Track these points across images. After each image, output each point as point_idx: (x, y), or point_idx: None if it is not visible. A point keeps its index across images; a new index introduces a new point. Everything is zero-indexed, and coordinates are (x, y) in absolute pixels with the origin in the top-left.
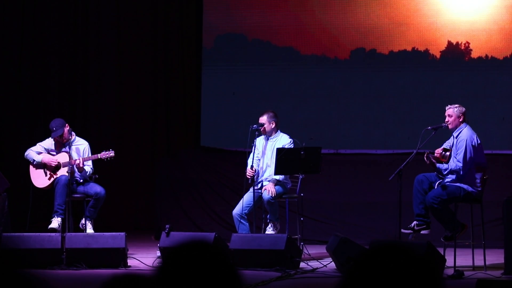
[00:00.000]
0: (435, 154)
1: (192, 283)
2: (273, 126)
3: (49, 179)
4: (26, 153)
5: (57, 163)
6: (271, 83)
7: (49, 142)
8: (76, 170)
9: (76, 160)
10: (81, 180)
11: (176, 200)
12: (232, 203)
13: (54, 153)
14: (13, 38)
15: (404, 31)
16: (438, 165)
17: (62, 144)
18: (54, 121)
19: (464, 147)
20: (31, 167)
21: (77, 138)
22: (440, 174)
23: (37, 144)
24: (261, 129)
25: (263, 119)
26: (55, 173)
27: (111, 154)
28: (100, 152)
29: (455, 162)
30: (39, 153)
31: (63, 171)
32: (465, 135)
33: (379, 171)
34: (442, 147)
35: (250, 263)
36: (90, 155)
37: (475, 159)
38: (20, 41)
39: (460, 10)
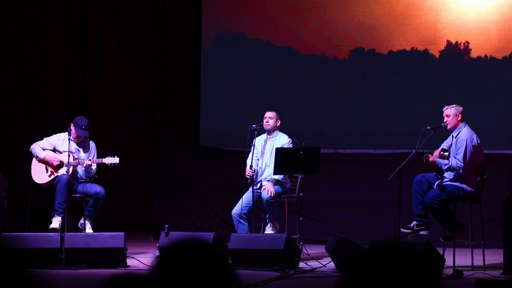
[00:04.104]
0: (433, 157)
1: (188, 282)
2: (278, 124)
3: (50, 176)
4: (31, 147)
5: (58, 162)
6: (270, 83)
7: (56, 138)
8: (79, 170)
9: (82, 160)
10: (81, 180)
11: (175, 200)
12: (231, 203)
13: (61, 148)
14: (12, 39)
15: (403, 30)
16: (438, 160)
17: (72, 142)
18: (83, 119)
19: (464, 146)
20: (33, 161)
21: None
22: (440, 172)
23: (44, 139)
24: (265, 122)
25: (273, 114)
26: (56, 170)
27: (116, 161)
28: (104, 157)
29: (455, 160)
30: (45, 149)
31: (64, 170)
32: (465, 135)
33: (378, 171)
34: (440, 148)
35: (249, 263)
36: (96, 155)
37: (474, 159)
38: (19, 42)
39: (459, 10)
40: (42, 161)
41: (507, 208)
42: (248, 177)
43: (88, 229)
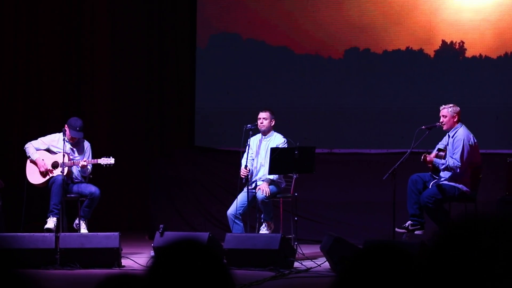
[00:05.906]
0: (431, 156)
1: (183, 282)
2: (273, 124)
3: (45, 176)
4: (25, 146)
5: (45, 169)
6: (265, 83)
7: (50, 139)
8: (73, 170)
9: (78, 161)
10: (76, 180)
11: (170, 200)
12: (226, 203)
13: (56, 148)
14: (7, 39)
15: (398, 30)
16: (435, 159)
17: (67, 143)
18: (77, 120)
19: (461, 146)
20: (28, 161)
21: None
22: (436, 172)
23: (39, 139)
24: (259, 123)
25: (266, 114)
26: (51, 171)
27: (111, 162)
28: (100, 157)
29: (452, 160)
30: (38, 149)
31: (59, 171)
32: (461, 135)
33: (373, 170)
34: (436, 148)
35: (244, 262)
36: (90, 156)
37: (471, 159)
38: (14, 42)
39: (454, 10)
40: (34, 162)
41: (502, 208)
42: (243, 177)
43: (83, 229)
